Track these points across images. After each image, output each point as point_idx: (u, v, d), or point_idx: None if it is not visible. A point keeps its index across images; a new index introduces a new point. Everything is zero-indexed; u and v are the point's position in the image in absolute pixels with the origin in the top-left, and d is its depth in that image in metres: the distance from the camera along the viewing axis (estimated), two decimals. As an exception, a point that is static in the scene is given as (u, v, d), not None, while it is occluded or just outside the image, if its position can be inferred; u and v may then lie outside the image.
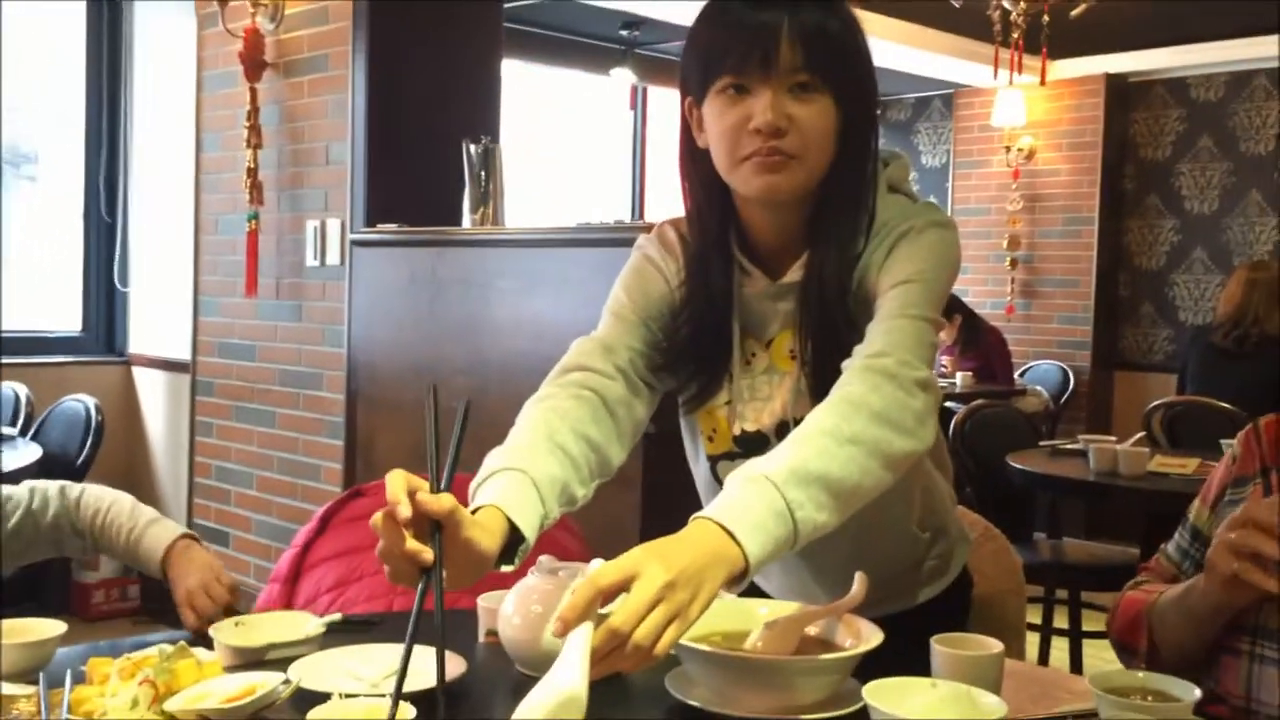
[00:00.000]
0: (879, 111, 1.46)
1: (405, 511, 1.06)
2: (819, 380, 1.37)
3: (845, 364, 1.27)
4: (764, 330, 1.45)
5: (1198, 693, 1.15)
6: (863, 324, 1.33)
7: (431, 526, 1.09)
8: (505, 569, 1.19)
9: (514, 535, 1.18)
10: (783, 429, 1.43)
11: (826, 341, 1.37)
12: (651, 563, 1.03)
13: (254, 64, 3.83)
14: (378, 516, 1.08)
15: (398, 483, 1.08)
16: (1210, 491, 1.51)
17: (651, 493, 2.65)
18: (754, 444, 1.46)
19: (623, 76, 6.63)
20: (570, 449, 1.29)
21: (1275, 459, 1.44)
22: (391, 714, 1.03)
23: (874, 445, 1.18)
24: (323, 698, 1.13)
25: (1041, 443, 4.06)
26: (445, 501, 1.09)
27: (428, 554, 1.08)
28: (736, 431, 1.46)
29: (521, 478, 1.22)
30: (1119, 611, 1.53)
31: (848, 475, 1.16)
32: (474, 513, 1.16)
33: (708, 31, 1.36)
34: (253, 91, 3.84)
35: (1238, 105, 6.42)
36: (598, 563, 1.35)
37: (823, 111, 1.32)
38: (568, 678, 0.98)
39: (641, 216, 6.93)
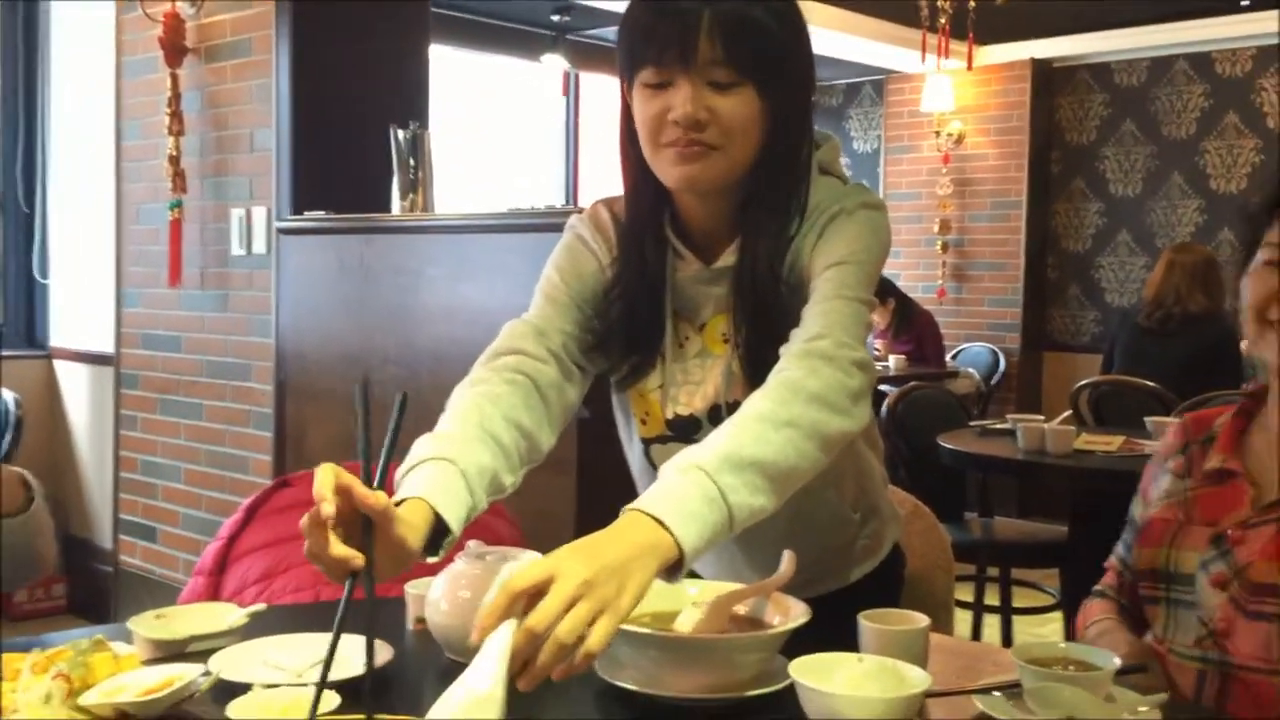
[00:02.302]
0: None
1: (328, 510, 1.04)
2: (752, 364, 1.38)
3: (783, 349, 1.28)
4: (697, 314, 1.45)
5: (1117, 661, 1.18)
6: (795, 306, 1.34)
7: (364, 523, 1.07)
8: (430, 560, 1.17)
9: (439, 526, 1.16)
10: (715, 412, 1.43)
11: (759, 325, 1.38)
12: (570, 561, 1.01)
13: (174, 49, 3.74)
14: (306, 519, 1.05)
15: (326, 479, 1.05)
16: (1145, 485, 1.59)
17: (586, 477, 2.65)
18: (686, 427, 1.46)
19: (554, 62, 6.59)
20: (502, 437, 1.28)
21: (1195, 435, 1.55)
22: (315, 703, 1.01)
23: (811, 427, 1.19)
24: (244, 689, 1.11)
25: (972, 423, 4.12)
26: (380, 499, 1.07)
27: (357, 559, 1.05)
28: (669, 415, 1.47)
29: (449, 468, 1.20)
30: (1078, 622, 1.60)
31: (784, 458, 1.16)
32: (400, 503, 1.14)
33: (631, 19, 1.36)
34: (174, 77, 3.75)
35: (1159, 90, 6.54)
36: (529, 554, 1.34)
37: (744, 103, 1.32)
38: (478, 679, 0.96)
39: (575, 202, 6.90)
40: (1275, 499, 1.42)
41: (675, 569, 1.08)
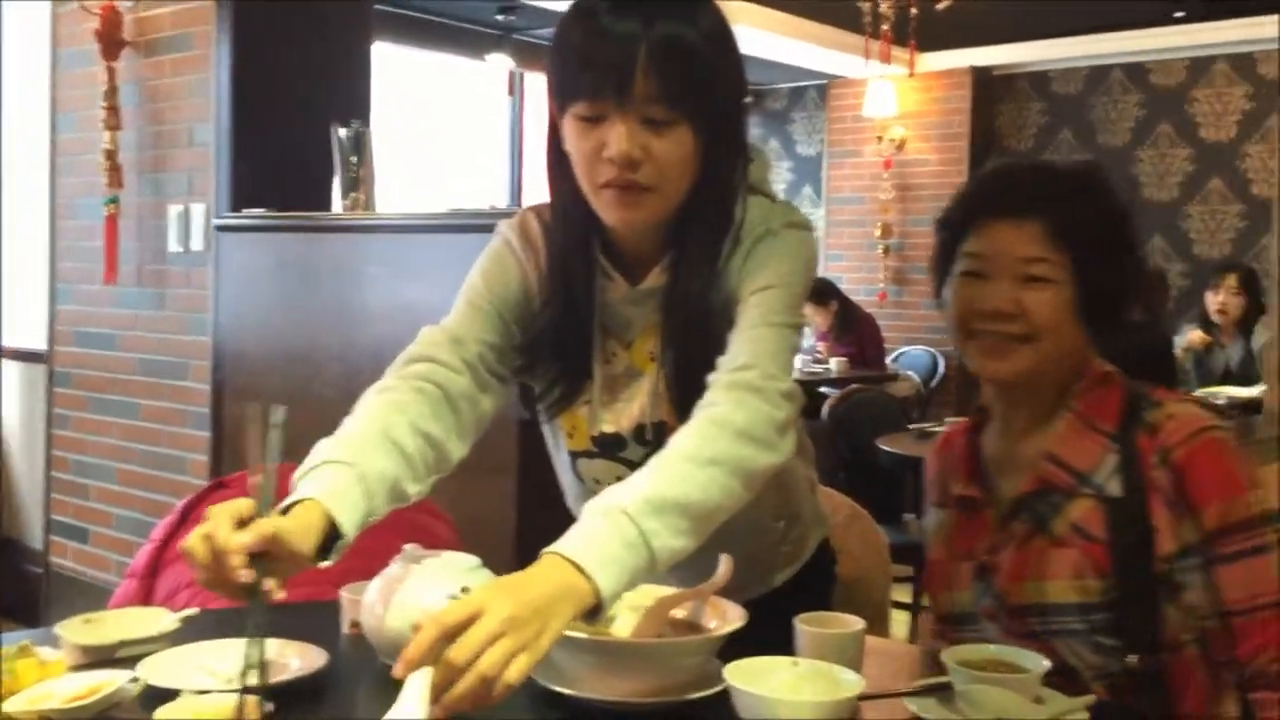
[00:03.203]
0: (751, 100, 1.45)
1: (242, 566, 1.08)
2: (679, 384, 1.38)
3: (710, 378, 1.27)
4: (626, 331, 1.44)
5: (1046, 664, 1.20)
6: (722, 327, 1.33)
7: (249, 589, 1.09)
8: (323, 565, 1.17)
9: (333, 531, 1.16)
10: (640, 431, 1.43)
11: (687, 346, 1.37)
12: (496, 598, 1.02)
13: (112, 42, 3.68)
14: (200, 554, 1.09)
15: (224, 521, 1.09)
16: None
17: (526, 480, 2.64)
18: (611, 445, 1.45)
19: (500, 62, 6.56)
20: (406, 446, 1.27)
21: (946, 462, 1.54)
22: (239, 709, 1.01)
23: (736, 464, 1.19)
24: (173, 695, 1.10)
25: (911, 425, 4.17)
26: (266, 530, 1.09)
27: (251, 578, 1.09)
28: (594, 432, 1.46)
29: (349, 471, 1.20)
30: None
31: (708, 497, 1.16)
32: (295, 504, 1.14)
33: (565, 42, 1.32)
34: (110, 71, 3.68)
35: (1096, 98, 6.66)
36: (466, 557, 1.33)
37: (679, 142, 1.29)
38: (407, 710, 0.97)
39: (519, 203, 6.88)
40: (1006, 513, 1.40)
41: (594, 613, 1.08)
